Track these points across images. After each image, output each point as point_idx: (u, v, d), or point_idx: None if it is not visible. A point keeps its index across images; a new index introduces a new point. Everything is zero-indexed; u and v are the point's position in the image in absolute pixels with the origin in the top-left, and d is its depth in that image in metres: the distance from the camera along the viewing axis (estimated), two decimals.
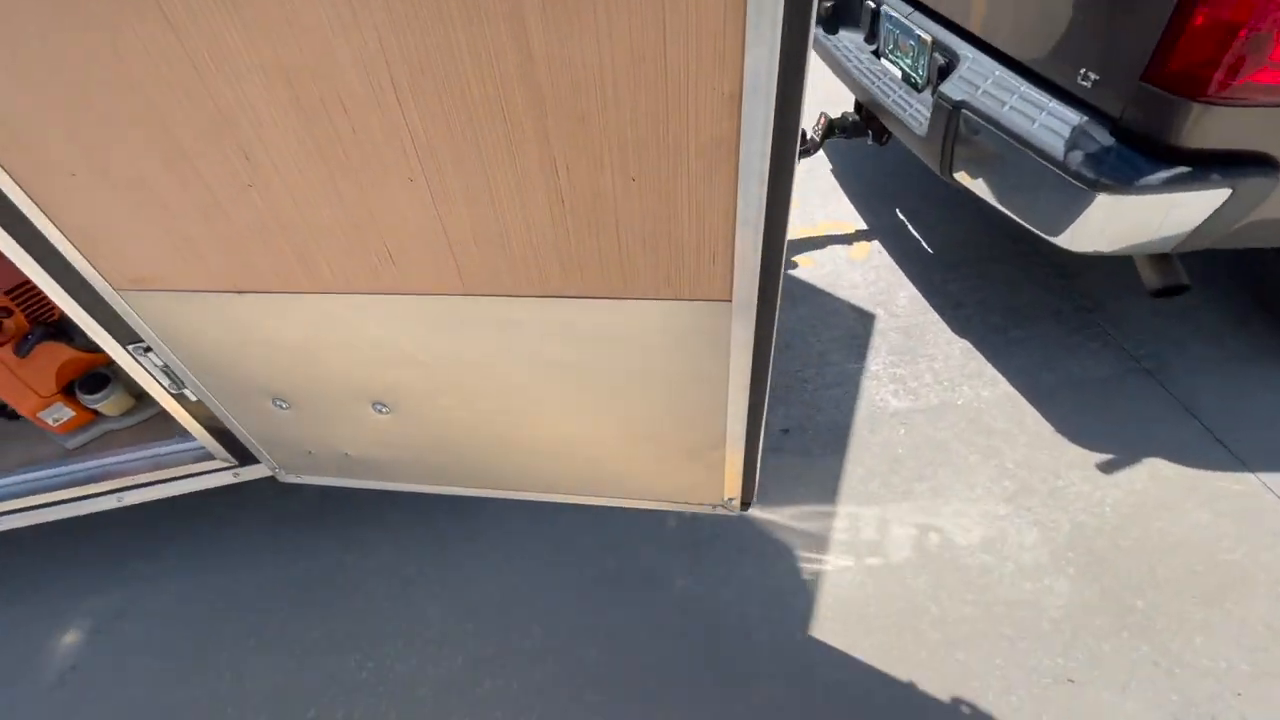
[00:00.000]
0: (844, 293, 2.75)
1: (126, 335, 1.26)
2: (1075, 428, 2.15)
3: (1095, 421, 2.16)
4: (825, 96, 4.10)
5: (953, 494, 2.00)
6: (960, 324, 2.55)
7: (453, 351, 1.22)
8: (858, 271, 2.85)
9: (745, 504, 1.53)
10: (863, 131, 2.78)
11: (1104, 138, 1.68)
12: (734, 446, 1.33)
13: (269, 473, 1.63)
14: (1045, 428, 2.16)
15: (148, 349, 1.28)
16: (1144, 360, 2.33)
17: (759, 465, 1.42)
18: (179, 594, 1.96)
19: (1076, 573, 1.79)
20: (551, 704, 1.65)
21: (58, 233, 1.05)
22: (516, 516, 2.07)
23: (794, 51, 0.78)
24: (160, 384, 1.36)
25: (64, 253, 1.08)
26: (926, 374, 2.38)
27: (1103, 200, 1.63)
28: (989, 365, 2.38)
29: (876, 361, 2.44)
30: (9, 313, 1.45)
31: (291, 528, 2.09)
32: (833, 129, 2.75)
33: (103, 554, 2.07)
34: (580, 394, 1.27)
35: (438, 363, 1.25)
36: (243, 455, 1.60)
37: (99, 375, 1.58)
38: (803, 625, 1.75)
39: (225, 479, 1.65)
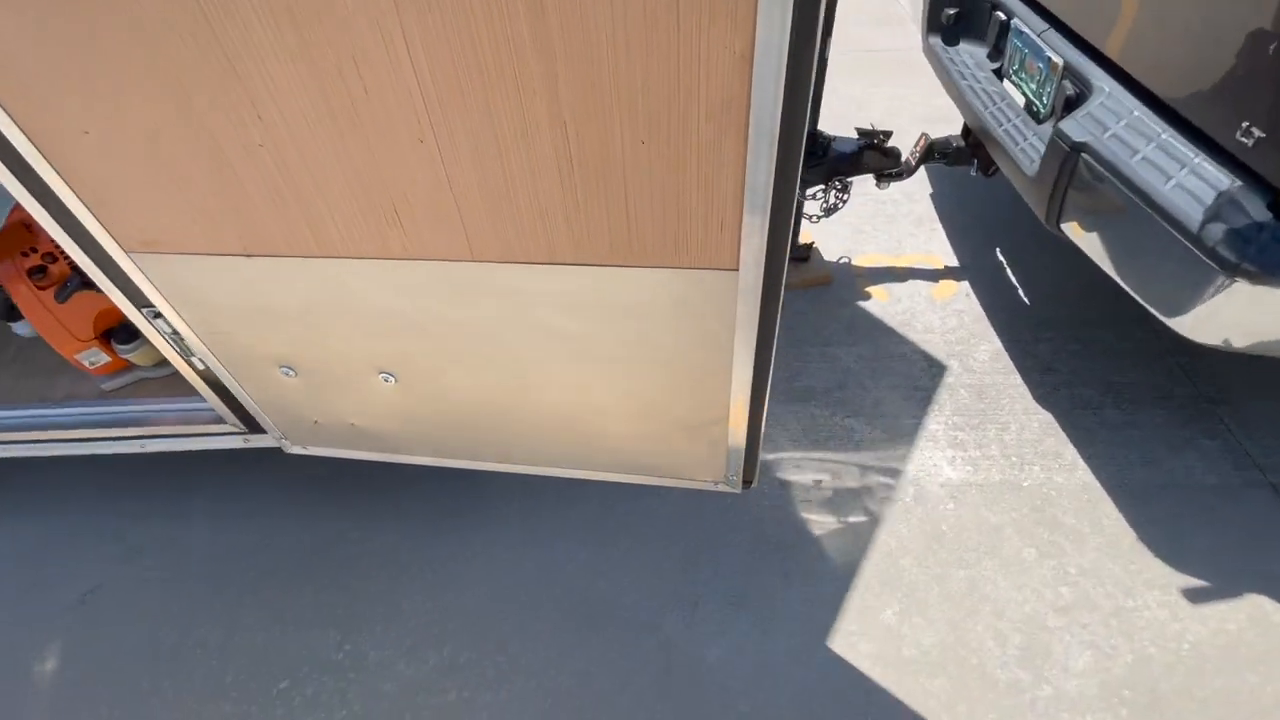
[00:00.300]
0: (916, 336, 2.48)
1: (138, 298, 1.27)
2: (1164, 540, 1.82)
3: (1193, 537, 1.82)
4: (930, 114, 3.74)
5: (995, 590, 1.75)
6: (1046, 392, 2.23)
7: (460, 320, 1.21)
8: (937, 314, 2.56)
9: (747, 482, 1.52)
10: (967, 159, 2.48)
11: (1258, 211, 1.36)
12: (737, 421, 1.31)
13: (275, 443, 1.65)
14: (1126, 533, 1.85)
15: (158, 314, 1.29)
16: (1270, 473, 1.94)
17: (761, 441, 1.41)
18: (197, 539, 2.05)
19: (1130, 716, 1.52)
20: None
21: (70, 192, 1.06)
22: (516, 524, 2.01)
23: (807, 10, 0.77)
24: (171, 349, 1.38)
25: (76, 213, 1.09)
26: (993, 444, 2.10)
27: (1241, 288, 1.33)
28: (1070, 446, 2.07)
29: (937, 420, 2.18)
30: (53, 259, 1.53)
31: (306, 492, 2.13)
32: (932, 152, 2.46)
33: (142, 487, 2.20)
34: (586, 365, 1.26)
35: (445, 332, 1.24)
36: (252, 423, 1.62)
37: (132, 326, 1.65)
38: (790, 708, 1.59)
39: (236, 443, 1.69)
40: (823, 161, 2.35)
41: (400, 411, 1.46)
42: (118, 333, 1.64)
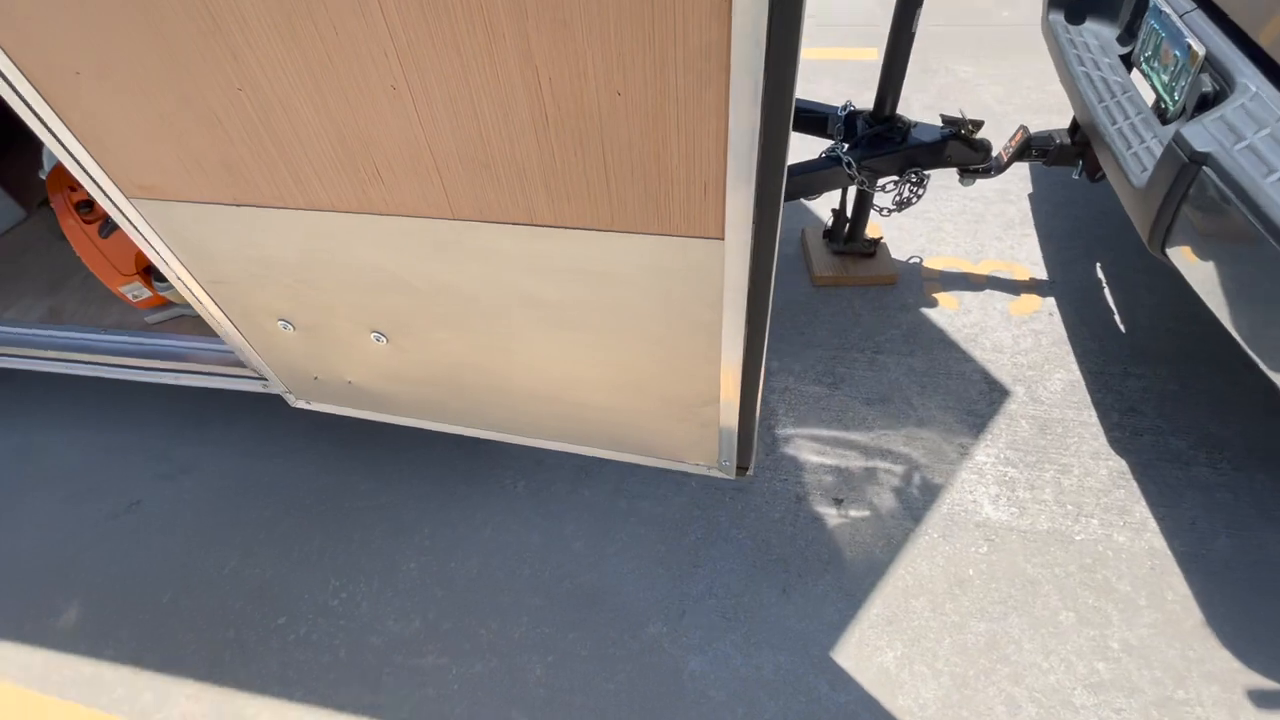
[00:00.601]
0: (982, 353, 2.23)
1: (149, 243, 1.30)
2: (1238, 627, 1.56)
3: (1275, 629, 1.55)
4: (1045, 103, 3.31)
5: (1017, 652, 1.57)
6: (1124, 437, 1.95)
7: (443, 280, 1.18)
8: (1011, 331, 2.29)
9: (743, 468, 1.44)
10: (1070, 160, 2.15)
11: None
12: (729, 403, 1.23)
13: (281, 394, 1.69)
14: (1191, 613, 1.60)
15: (166, 262, 1.32)
16: None
17: (756, 426, 1.32)
18: (231, 469, 2.17)
19: None
20: (477, 705, 1.59)
21: (70, 135, 1.08)
22: (525, 499, 1.99)
23: None
24: (186, 293, 1.42)
25: (77, 155, 1.11)
26: (1048, 488, 1.86)
27: None
28: (1143, 503, 1.80)
29: (987, 451, 1.96)
30: None
31: (331, 442, 2.21)
32: (1029, 149, 2.16)
33: (194, 413, 2.35)
34: (570, 334, 1.21)
35: (429, 291, 1.21)
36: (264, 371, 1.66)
37: None
38: None
39: (257, 388, 1.74)
40: (898, 149, 2.11)
41: (393, 372, 1.45)
42: (155, 270, 1.72)
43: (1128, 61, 2.06)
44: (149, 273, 1.73)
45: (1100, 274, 2.45)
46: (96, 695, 1.70)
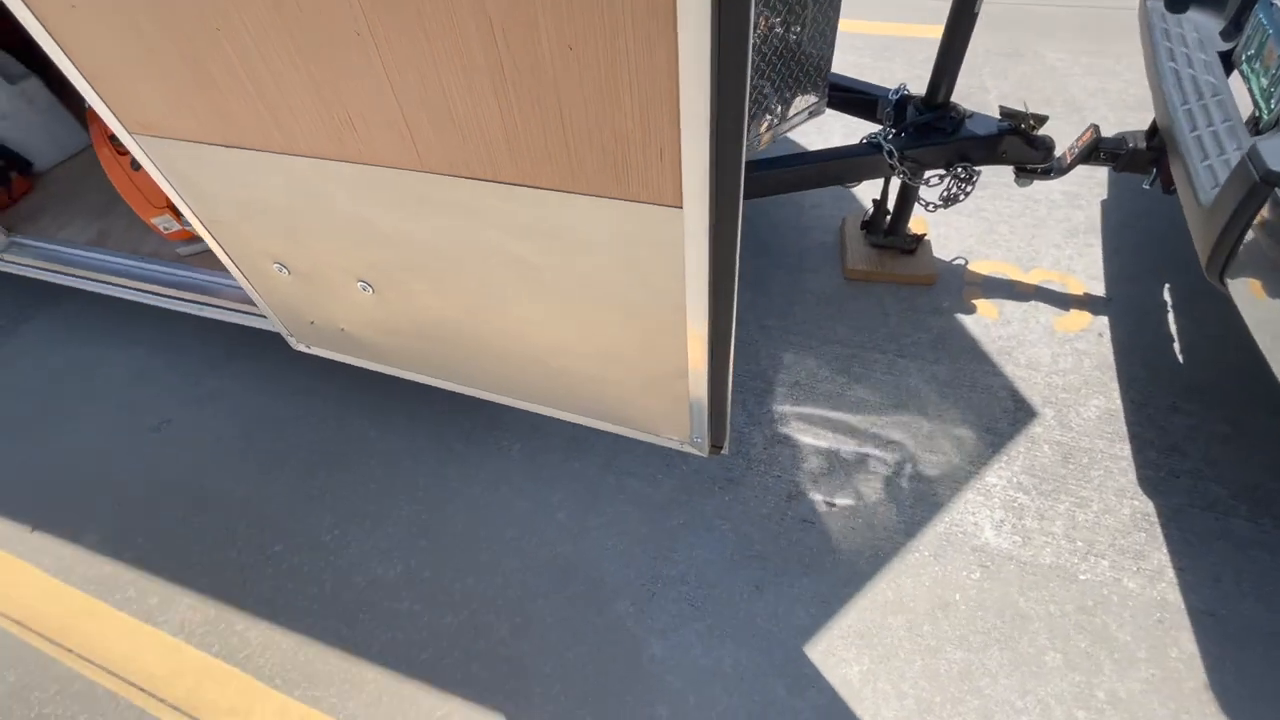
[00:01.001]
0: (1014, 369, 2.08)
1: (159, 178, 1.35)
2: (1243, 698, 1.43)
3: None
4: (1142, 101, 2.99)
5: (992, 686, 1.49)
6: (1157, 477, 1.79)
7: (417, 232, 1.19)
8: (1051, 348, 2.13)
9: (716, 447, 1.42)
10: (1143, 167, 1.94)
11: None
12: (697, 379, 1.21)
13: (285, 337, 1.75)
14: (1194, 675, 1.48)
15: (175, 198, 1.37)
16: None
17: (729, 401, 1.30)
18: (254, 399, 2.29)
19: None
20: (442, 654, 1.65)
21: (76, 71, 1.12)
22: (518, 464, 2.02)
23: None
24: (197, 230, 1.47)
25: (81, 88, 1.15)
26: (1060, 520, 1.74)
27: None
28: (1163, 550, 1.66)
29: (1000, 474, 1.85)
30: None
31: (343, 386, 2.28)
32: (1096, 152, 1.96)
33: (228, 342, 2.47)
34: (540, 297, 1.21)
35: (406, 243, 1.22)
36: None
37: None
38: None
39: (266, 326, 1.81)
40: (947, 141, 1.96)
41: (380, 322, 1.48)
42: None
43: (1228, 61, 1.83)
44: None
45: (1166, 296, 2.23)
46: (111, 592, 1.85)
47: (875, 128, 2.14)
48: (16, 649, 1.76)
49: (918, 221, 2.53)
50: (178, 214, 1.82)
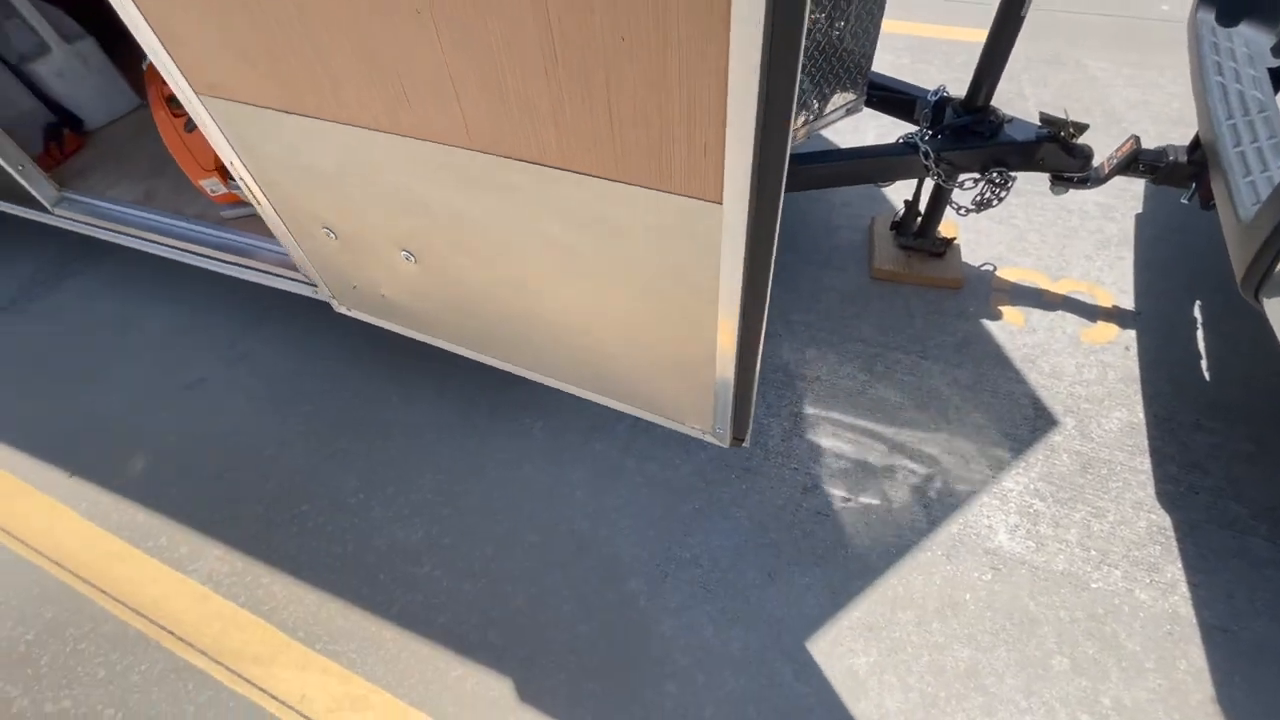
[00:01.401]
0: (1037, 377, 2.09)
1: (217, 140, 1.40)
2: (1254, 715, 1.44)
3: None
4: (1183, 115, 2.95)
5: (997, 684, 1.51)
6: (1177, 492, 1.79)
7: (461, 208, 1.22)
8: (1076, 359, 2.12)
9: (738, 439, 1.44)
10: (1183, 180, 1.93)
11: None
12: (724, 370, 1.23)
13: (326, 299, 1.80)
14: (1201, 688, 1.48)
15: (231, 160, 1.42)
16: None
17: (754, 397, 1.32)
18: (285, 362, 2.35)
19: None
20: (460, 619, 1.70)
21: (150, 30, 1.16)
22: (540, 441, 2.06)
23: None
24: (248, 194, 1.52)
25: (153, 48, 1.20)
26: (1074, 529, 1.75)
27: None
28: (1177, 564, 1.67)
29: (1017, 479, 1.86)
30: None
31: (373, 353, 2.34)
32: (1135, 163, 1.95)
33: (262, 306, 2.54)
34: (577, 279, 1.23)
35: (450, 217, 1.25)
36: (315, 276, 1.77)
37: None
38: (714, 706, 1.53)
39: (307, 291, 1.86)
40: (984, 145, 1.96)
41: (420, 291, 1.52)
42: None
43: (1277, 78, 1.81)
44: (226, 170, 1.86)
45: (1196, 313, 2.21)
46: (143, 539, 1.92)
47: (910, 128, 2.14)
48: (53, 587, 1.84)
49: (947, 225, 2.52)
50: (225, 177, 1.87)
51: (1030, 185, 2.70)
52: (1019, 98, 3.20)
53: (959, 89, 2.08)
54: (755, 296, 1.05)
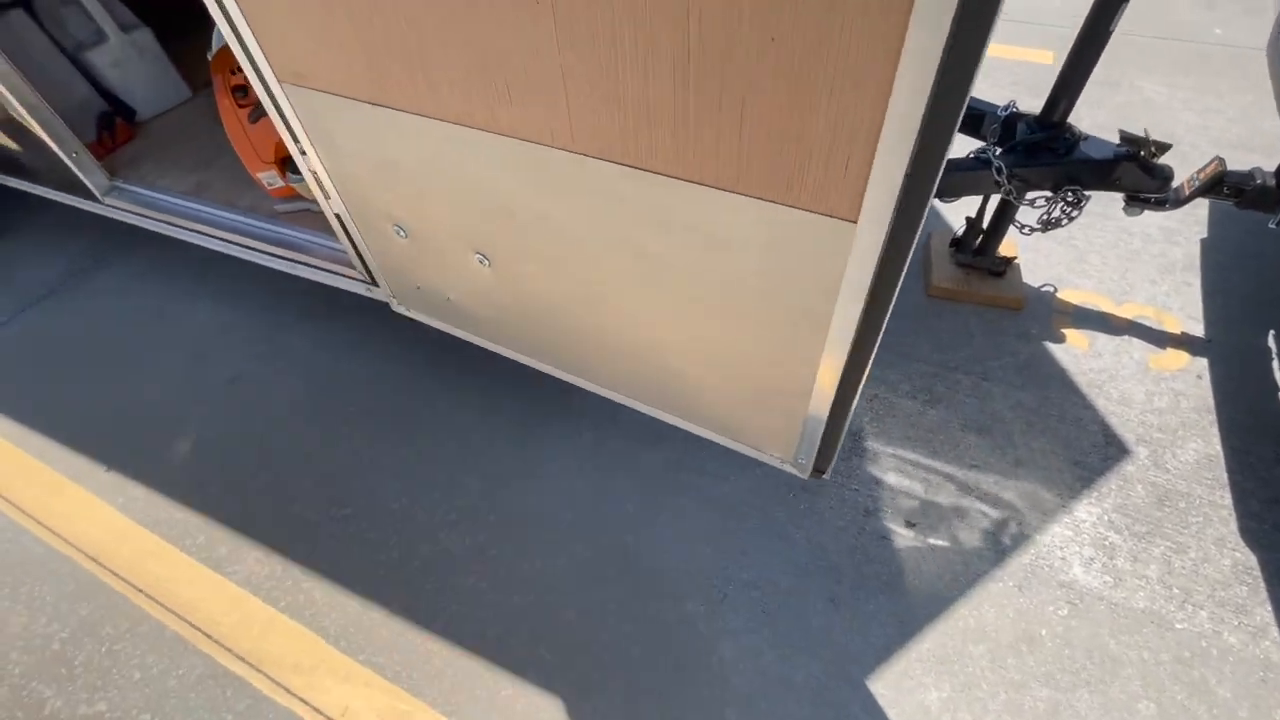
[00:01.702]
0: (1106, 403, 2.01)
1: (291, 131, 1.36)
2: None
3: None
4: (1245, 140, 2.88)
5: None
6: (1261, 529, 1.71)
7: (553, 214, 1.16)
8: (1146, 386, 2.04)
9: (819, 471, 1.37)
10: (1270, 205, 1.86)
11: None
12: (820, 401, 1.15)
13: (385, 299, 1.75)
14: None
15: (303, 151, 1.38)
16: None
17: (845, 430, 1.24)
18: (324, 358, 2.30)
19: None
20: (508, 635, 1.63)
21: (238, 10, 1.12)
22: (589, 450, 2.00)
23: None
24: (315, 187, 1.48)
25: (242, 32, 1.16)
26: (1155, 564, 1.67)
27: None
28: (1266, 607, 1.58)
29: (1090, 510, 1.77)
30: None
31: (418, 353, 2.29)
32: (1220, 185, 1.88)
33: (300, 302, 2.50)
34: (667, 293, 1.17)
35: (539, 223, 1.20)
36: (372, 275, 1.73)
37: None
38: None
39: (361, 290, 1.82)
40: (1059, 162, 1.90)
41: (490, 297, 1.47)
42: (290, 161, 1.81)
43: None
44: (285, 164, 1.83)
45: (1270, 343, 2.13)
46: (181, 537, 1.87)
47: (973, 144, 2.08)
48: (90, 583, 1.78)
49: (1007, 244, 2.45)
50: (283, 170, 1.84)
51: (1089, 206, 2.63)
52: (1074, 119, 3.13)
53: (1019, 106, 2.02)
54: (870, 327, 0.99)
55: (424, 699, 1.54)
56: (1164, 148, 1.84)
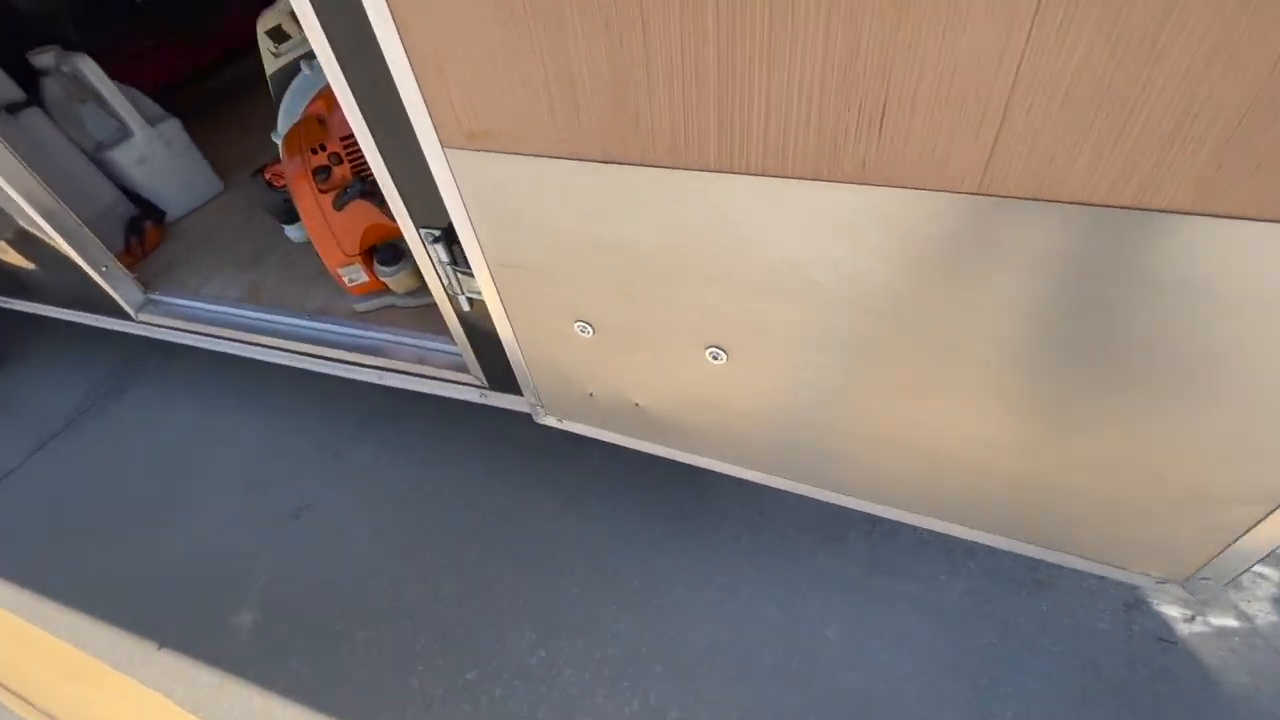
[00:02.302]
0: None
1: (424, 216, 1.05)
2: None
3: None
4: None
5: None
6: None
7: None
8: None
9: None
10: None
11: None
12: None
13: (524, 409, 1.41)
14: None
15: (437, 239, 1.06)
16: None
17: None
18: (406, 476, 1.94)
19: None
20: None
21: (405, 60, 0.82)
22: (748, 554, 1.63)
23: None
24: (440, 279, 1.16)
25: (402, 87, 0.85)
26: None
27: None
28: None
29: None
30: (339, 160, 1.40)
31: (508, 449, 1.93)
32: None
33: (368, 409, 2.15)
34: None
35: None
36: (496, 379, 1.39)
37: (396, 248, 1.50)
38: None
39: (471, 397, 1.48)
40: None
41: (711, 398, 1.11)
42: (382, 252, 1.50)
43: None
44: (372, 254, 1.51)
45: None
46: None
47: None
48: None
49: None
50: (369, 263, 1.52)
51: None
52: None
53: None
54: None
55: None
56: None
